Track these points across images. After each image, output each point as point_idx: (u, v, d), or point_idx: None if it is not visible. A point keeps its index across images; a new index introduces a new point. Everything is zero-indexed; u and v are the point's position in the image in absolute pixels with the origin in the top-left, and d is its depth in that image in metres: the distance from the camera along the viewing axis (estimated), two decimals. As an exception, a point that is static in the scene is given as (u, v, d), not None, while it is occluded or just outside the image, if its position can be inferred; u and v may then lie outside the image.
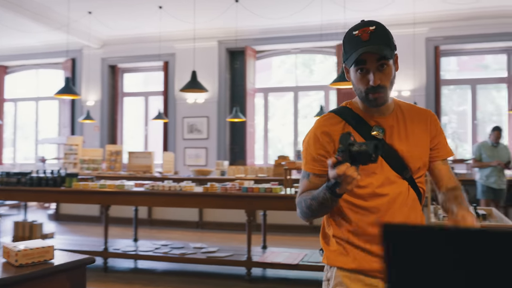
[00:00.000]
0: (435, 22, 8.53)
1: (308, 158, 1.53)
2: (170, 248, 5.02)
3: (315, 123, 1.56)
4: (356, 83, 1.46)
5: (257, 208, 4.69)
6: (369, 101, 1.46)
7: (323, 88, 9.98)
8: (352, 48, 1.42)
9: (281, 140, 10.87)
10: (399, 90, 8.89)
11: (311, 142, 1.53)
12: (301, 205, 1.49)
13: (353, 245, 1.50)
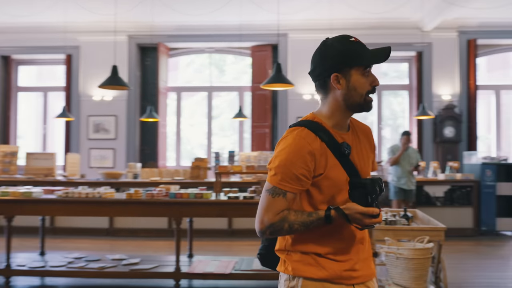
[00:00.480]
0: (349, 29, 8.84)
1: (289, 176, 1.46)
2: (85, 261, 4.53)
3: (295, 141, 1.48)
4: (360, 86, 1.50)
5: (187, 216, 4.40)
6: (366, 103, 1.52)
7: (237, 89, 9.88)
8: (364, 50, 1.49)
9: (191, 141, 10.61)
10: (312, 93, 9.10)
11: (294, 160, 1.46)
12: (281, 227, 1.47)
13: (321, 256, 1.52)
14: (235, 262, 4.50)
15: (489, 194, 7.02)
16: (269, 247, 1.70)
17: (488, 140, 9.81)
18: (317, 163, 1.47)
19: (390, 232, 3.57)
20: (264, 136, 9.30)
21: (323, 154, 1.48)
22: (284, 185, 1.46)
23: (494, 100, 9.61)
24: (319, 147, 1.48)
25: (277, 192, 1.47)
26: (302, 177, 1.46)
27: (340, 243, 1.53)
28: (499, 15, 8.58)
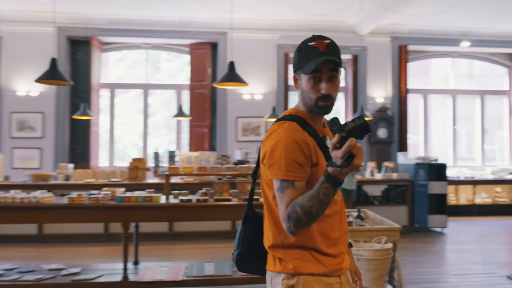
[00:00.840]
0: (291, 30, 8.90)
1: (292, 166, 1.47)
2: (18, 273, 4.11)
3: (288, 132, 1.51)
4: (308, 91, 1.54)
5: (136, 220, 4.14)
6: (318, 108, 1.54)
7: (175, 87, 9.60)
8: (310, 57, 1.51)
9: (123, 140, 10.16)
10: (252, 93, 9.06)
11: (292, 149, 1.48)
12: (296, 214, 1.43)
13: (319, 251, 1.55)
14: (185, 267, 4.31)
15: (422, 193, 7.38)
16: (247, 252, 1.69)
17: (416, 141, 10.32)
18: (311, 152, 1.51)
19: (349, 233, 3.58)
20: (202, 136, 9.11)
21: (313, 145, 1.52)
22: (290, 175, 1.46)
23: (422, 103, 10.16)
24: (308, 138, 1.52)
25: (285, 186, 1.47)
26: (303, 164, 1.48)
27: (334, 234, 1.58)
28: (428, 23, 9.07)
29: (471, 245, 6.53)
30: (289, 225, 1.45)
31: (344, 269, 1.62)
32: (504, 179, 9.57)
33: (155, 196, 3.98)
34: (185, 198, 3.96)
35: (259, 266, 1.67)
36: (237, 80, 5.00)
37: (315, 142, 1.54)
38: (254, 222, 1.75)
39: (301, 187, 1.47)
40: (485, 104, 10.35)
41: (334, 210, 1.58)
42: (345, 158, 1.29)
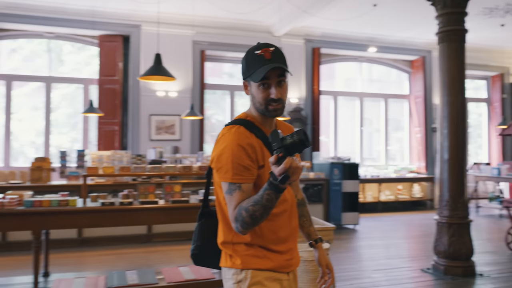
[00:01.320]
0: (208, 27, 8.68)
1: (238, 169, 1.54)
2: None
3: (234, 136, 1.58)
4: (258, 97, 1.62)
5: (51, 228, 3.64)
6: (268, 112, 1.62)
7: (82, 82, 8.90)
8: (258, 65, 1.59)
9: (19, 138, 9.20)
10: (166, 90, 8.70)
11: (239, 153, 1.55)
12: (242, 217, 1.50)
13: (266, 248, 1.63)
14: (105, 277, 3.93)
15: (336, 191, 7.61)
16: (202, 247, 1.79)
17: (325, 141, 10.66)
18: (258, 155, 1.58)
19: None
20: (112, 134, 8.56)
21: (260, 148, 1.59)
22: (237, 178, 1.53)
23: (332, 105, 10.52)
24: (256, 141, 1.59)
25: (233, 188, 1.54)
26: (249, 167, 1.55)
27: (282, 232, 1.64)
28: (339, 28, 9.42)
29: (383, 241, 6.85)
30: (237, 226, 1.53)
31: (293, 265, 1.71)
32: (404, 177, 10.27)
33: (71, 200, 3.56)
34: (107, 202, 3.60)
35: (214, 261, 1.76)
36: (164, 74, 4.66)
37: (263, 144, 1.61)
38: (209, 219, 1.83)
39: (248, 189, 1.55)
40: (389, 107, 11.02)
41: (283, 209, 1.66)
42: (281, 179, 1.37)
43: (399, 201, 10.27)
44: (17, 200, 3.50)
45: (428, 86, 10.71)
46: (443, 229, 4.88)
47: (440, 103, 5.13)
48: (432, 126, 10.68)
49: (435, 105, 10.79)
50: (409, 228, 8.17)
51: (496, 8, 8.42)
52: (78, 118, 8.95)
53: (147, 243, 6.46)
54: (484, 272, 4.90)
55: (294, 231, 1.71)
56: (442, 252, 4.85)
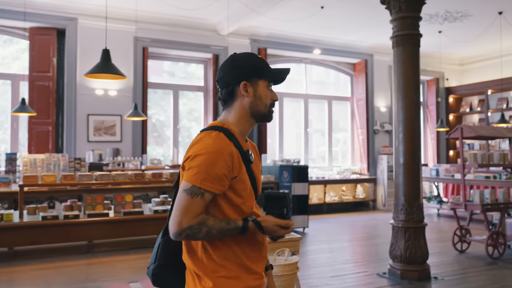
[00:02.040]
0: (151, 23, 8.24)
1: (211, 176, 1.46)
2: None
3: (216, 141, 1.50)
4: (265, 97, 1.61)
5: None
6: (269, 113, 1.64)
7: (9, 77, 8.12)
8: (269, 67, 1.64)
9: None
10: (105, 89, 8.17)
11: (217, 160, 1.47)
12: (199, 233, 1.45)
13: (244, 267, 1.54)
14: None
15: (286, 195, 7.47)
16: (164, 267, 1.62)
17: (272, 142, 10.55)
18: (234, 165, 1.50)
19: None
20: (46, 135, 7.89)
21: (236, 158, 1.52)
22: (206, 184, 1.45)
23: (277, 106, 10.41)
24: (233, 150, 1.52)
25: (195, 192, 1.45)
26: (223, 177, 1.47)
27: (254, 253, 1.57)
28: (285, 29, 9.34)
29: (333, 244, 6.80)
30: (181, 233, 1.44)
31: (262, 285, 1.62)
32: (348, 179, 10.39)
33: (6, 214, 3.10)
34: (49, 215, 3.16)
35: (177, 283, 1.62)
36: (114, 72, 4.23)
37: (240, 155, 1.54)
38: None
39: (208, 199, 1.47)
40: (332, 109, 11.11)
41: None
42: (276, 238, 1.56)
43: (343, 202, 10.37)
44: None
45: (370, 88, 10.92)
46: (399, 233, 4.86)
47: (394, 107, 5.12)
48: (374, 128, 10.90)
49: (377, 108, 11.02)
50: (355, 230, 8.22)
51: (436, 15, 8.70)
52: (6, 117, 8.16)
53: (87, 253, 5.93)
54: (437, 275, 4.94)
55: (265, 250, 1.67)
56: (398, 256, 4.84)
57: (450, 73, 12.29)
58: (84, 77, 7.65)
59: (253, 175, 1.58)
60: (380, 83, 11.07)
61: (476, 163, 6.34)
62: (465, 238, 6.21)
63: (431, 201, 10.05)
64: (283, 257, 3.17)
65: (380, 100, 11.10)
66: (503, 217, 6.08)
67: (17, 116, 7.96)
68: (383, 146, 10.88)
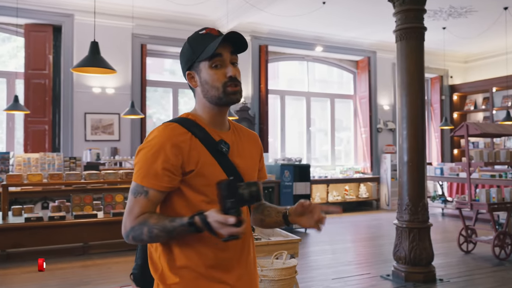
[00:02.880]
0: (148, 19, 8.08)
1: (151, 172, 1.33)
2: None
3: (160, 133, 1.36)
4: (212, 80, 1.39)
5: (-39, 250, 2.99)
6: (228, 96, 1.39)
7: (4, 75, 7.98)
8: (206, 42, 1.38)
9: None
10: (102, 86, 8.02)
11: (156, 154, 1.33)
12: (141, 234, 1.32)
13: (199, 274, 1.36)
14: None
15: (288, 194, 7.32)
16: (142, 267, 1.53)
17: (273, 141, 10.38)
18: (185, 158, 1.34)
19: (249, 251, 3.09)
20: (42, 134, 7.74)
21: (194, 149, 1.36)
22: (147, 181, 1.33)
23: (278, 104, 10.25)
24: (188, 141, 1.36)
25: (139, 191, 1.34)
26: (166, 172, 1.32)
27: (222, 254, 1.37)
28: (286, 25, 9.16)
29: (336, 245, 6.63)
30: (128, 236, 1.35)
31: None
32: (351, 178, 10.21)
33: (-12, 215, 2.94)
34: (33, 216, 3.01)
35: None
36: (103, 66, 4.06)
37: (203, 146, 1.37)
38: None
39: (155, 197, 1.34)
40: (335, 107, 10.93)
41: None
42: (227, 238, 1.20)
43: (346, 201, 10.20)
44: None
45: (373, 86, 10.73)
46: (403, 234, 4.69)
47: (397, 104, 4.94)
48: (377, 127, 10.71)
49: (380, 106, 10.83)
50: (359, 230, 8.05)
51: (440, 11, 8.52)
52: (2, 116, 8.02)
53: (82, 255, 5.78)
54: (442, 277, 4.77)
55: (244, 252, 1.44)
56: (402, 258, 4.66)
57: (454, 71, 12.09)
58: (80, 74, 7.51)
59: (231, 167, 1.40)
60: (384, 81, 10.88)
61: (482, 161, 6.16)
62: (471, 238, 6.03)
63: (436, 201, 9.85)
64: (281, 261, 3.00)
65: (383, 98, 10.91)
66: (510, 217, 5.89)
67: (12, 115, 7.82)
68: (386, 144, 10.69)
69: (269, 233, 3.57)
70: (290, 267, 2.88)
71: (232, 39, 1.38)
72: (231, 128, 1.51)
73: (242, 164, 1.45)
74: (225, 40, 1.37)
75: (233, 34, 1.36)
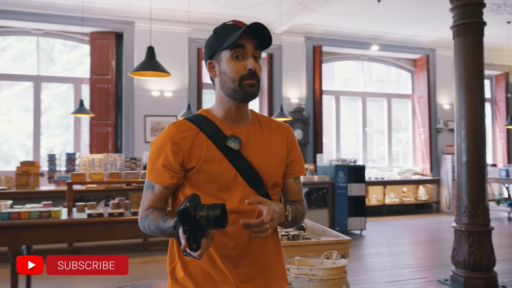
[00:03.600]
0: (204, 24, 8.29)
1: (154, 169, 1.39)
2: None
3: (166, 131, 1.40)
4: (230, 72, 1.37)
5: (30, 243, 3.24)
6: (243, 89, 1.36)
7: (72, 81, 8.49)
8: (230, 33, 1.36)
9: (8, 141, 8.76)
10: (161, 90, 8.32)
11: (158, 152, 1.38)
12: (144, 225, 1.39)
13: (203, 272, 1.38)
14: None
15: (342, 195, 7.24)
16: None
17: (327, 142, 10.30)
18: (185, 155, 1.36)
19: (294, 248, 3.12)
20: (105, 136, 8.15)
21: (198, 146, 1.37)
22: (152, 177, 1.40)
23: (333, 105, 10.16)
24: (192, 138, 1.37)
25: (147, 185, 1.42)
26: (165, 169, 1.37)
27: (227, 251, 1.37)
28: (340, 25, 9.06)
29: (392, 248, 6.48)
30: (140, 225, 1.42)
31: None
32: (409, 180, 9.91)
33: (54, 211, 3.17)
34: (95, 212, 3.20)
35: None
36: (158, 69, 4.25)
37: (210, 142, 1.37)
38: None
39: (160, 192, 1.40)
40: (392, 107, 10.67)
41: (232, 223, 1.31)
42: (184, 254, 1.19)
43: (404, 204, 9.92)
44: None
45: (432, 85, 10.37)
46: (462, 237, 4.51)
47: (455, 102, 4.76)
48: (437, 127, 10.33)
49: (440, 105, 10.45)
50: (417, 233, 7.80)
51: (504, 4, 8.09)
52: (70, 119, 8.53)
53: (142, 252, 6.06)
54: (505, 283, 4.53)
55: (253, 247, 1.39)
56: (461, 262, 4.48)
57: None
58: (140, 79, 7.84)
59: (243, 162, 1.37)
60: (444, 79, 10.48)
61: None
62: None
63: (501, 204, 9.36)
64: (331, 260, 3.00)
65: (443, 97, 10.51)
66: None
67: (79, 118, 8.30)
68: (447, 145, 10.28)
69: (320, 233, 3.57)
70: (339, 267, 2.87)
71: (257, 32, 1.36)
72: (253, 121, 1.47)
73: (257, 159, 1.41)
74: (250, 32, 1.35)
75: (257, 24, 1.34)
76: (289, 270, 2.94)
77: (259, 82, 1.39)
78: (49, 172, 6.19)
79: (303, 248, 3.11)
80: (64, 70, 8.80)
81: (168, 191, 1.40)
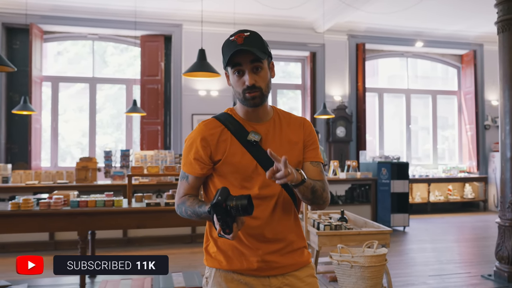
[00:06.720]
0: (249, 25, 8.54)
1: (187, 161, 1.60)
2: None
3: (197, 128, 1.61)
4: (235, 85, 1.55)
5: (97, 228, 3.59)
6: (246, 101, 1.53)
7: (124, 82, 8.96)
8: (229, 51, 1.50)
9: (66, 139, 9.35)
10: (207, 89, 8.64)
11: (190, 147, 1.59)
12: (182, 210, 1.59)
13: (232, 247, 1.57)
14: (151, 279, 3.84)
15: (385, 192, 7.29)
16: None
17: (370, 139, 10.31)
18: (213, 149, 1.56)
19: (336, 237, 3.29)
20: (155, 134, 8.56)
21: (223, 141, 1.56)
22: (186, 168, 1.61)
23: (376, 102, 10.16)
24: (218, 134, 1.56)
25: (182, 176, 1.63)
26: (197, 161, 1.57)
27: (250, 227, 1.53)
28: (383, 22, 9.06)
29: (435, 244, 6.49)
30: (177, 210, 1.64)
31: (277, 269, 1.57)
32: (455, 177, 9.78)
33: (117, 200, 3.49)
34: (153, 202, 3.51)
35: None
36: (208, 70, 4.55)
37: (234, 138, 1.56)
38: None
39: (193, 181, 1.61)
40: (437, 104, 10.54)
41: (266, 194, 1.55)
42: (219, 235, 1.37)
43: (450, 202, 9.80)
44: (62, 201, 3.45)
45: (480, 81, 10.17)
46: (506, 233, 4.52)
47: (500, 98, 4.77)
48: (485, 123, 10.13)
49: (488, 101, 10.23)
50: (462, 231, 7.74)
51: (556, -4, 7.85)
52: (122, 118, 9.02)
53: (191, 243, 6.38)
54: (552, 280, 4.50)
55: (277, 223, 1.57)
56: (505, 258, 4.50)
57: None
58: (188, 79, 8.19)
59: (263, 155, 1.52)
60: (492, 75, 10.25)
61: None
62: None
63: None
64: (372, 249, 3.15)
65: (491, 93, 10.28)
66: None
67: (130, 117, 8.76)
68: (495, 142, 10.05)
69: (362, 225, 3.72)
70: (380, 255, 3.03)
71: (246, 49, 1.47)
72: (272, 118, 1.63)
73: (276, 151, 1.51)
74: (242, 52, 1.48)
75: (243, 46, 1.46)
76: (332, 257, 3.13)
77: (262, 91, 1.53)
78: (105, 168, 6.62)
79: (345, 237, 3.28)
80: (116, 72, 9.30)
81: (199, 180, 1.61)
